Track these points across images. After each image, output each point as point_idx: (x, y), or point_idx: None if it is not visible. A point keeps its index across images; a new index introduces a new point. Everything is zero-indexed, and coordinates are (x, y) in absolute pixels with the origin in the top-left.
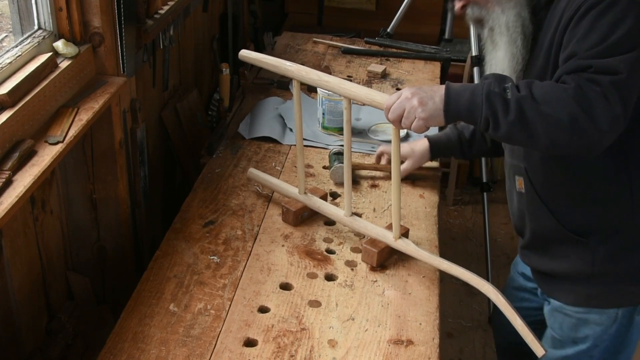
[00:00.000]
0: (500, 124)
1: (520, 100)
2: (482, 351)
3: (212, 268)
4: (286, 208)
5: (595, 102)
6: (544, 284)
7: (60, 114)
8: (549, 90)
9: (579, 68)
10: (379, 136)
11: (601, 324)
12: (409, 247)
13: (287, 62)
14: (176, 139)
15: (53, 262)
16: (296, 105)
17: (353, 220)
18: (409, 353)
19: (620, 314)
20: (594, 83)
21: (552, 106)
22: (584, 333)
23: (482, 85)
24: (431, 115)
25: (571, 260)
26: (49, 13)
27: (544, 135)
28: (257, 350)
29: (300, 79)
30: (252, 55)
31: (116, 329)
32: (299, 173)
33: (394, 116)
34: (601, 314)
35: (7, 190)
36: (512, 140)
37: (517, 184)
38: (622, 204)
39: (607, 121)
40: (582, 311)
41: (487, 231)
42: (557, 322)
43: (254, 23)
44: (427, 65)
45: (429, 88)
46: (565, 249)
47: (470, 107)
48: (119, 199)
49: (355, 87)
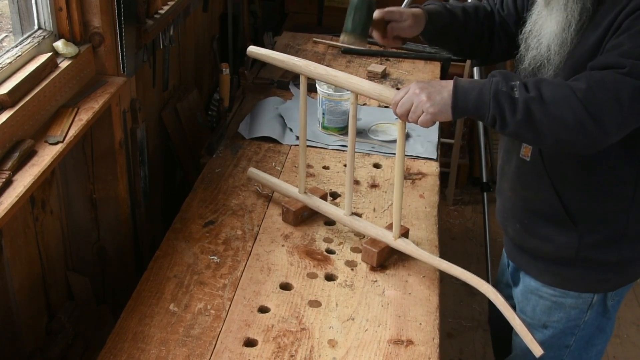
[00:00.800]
0: (507, 123)
1: (528, 100)
2: (482, 351)
3: (212, 268)
4: (286, 208)
5: (604, 105)
6: (522, 260)
7: (60, 114)
8: (557, 91)
9: (613, 64)
10: (379, 136)
11: (576, 308)
12: (408, 247)
13: (294, 57)
14: (176, 139)
15: (53, 262)
16: (302, 100)
17: (353, 220)
18: (409, 353)
19: (595, 299)
20: (612, 84)
21: (560, 108)
22: (557, 317)
23: (490, 83)
24: (439, 110)
25: (555, 244)
26: (49, 13)
27: (550, 136)
28: (257, 350)
29: (309, 74)
30: (260, 52)
31: (116, 329)
32: (300, 172)
33: (402, 110)
34: (577, 298)
35: (7, 190)
36: (518, 138)
37: (523, 151)
38: (622, 196)
39: (613, 125)
40: (558, 294)
41: (487, 231)
42: (529, 305)
43: (254, 23)
44: (427, 65)
45: (437, 83)
46: (551, 231)
47: (478, 105)
48: (119, 199)
49: (363, 82)
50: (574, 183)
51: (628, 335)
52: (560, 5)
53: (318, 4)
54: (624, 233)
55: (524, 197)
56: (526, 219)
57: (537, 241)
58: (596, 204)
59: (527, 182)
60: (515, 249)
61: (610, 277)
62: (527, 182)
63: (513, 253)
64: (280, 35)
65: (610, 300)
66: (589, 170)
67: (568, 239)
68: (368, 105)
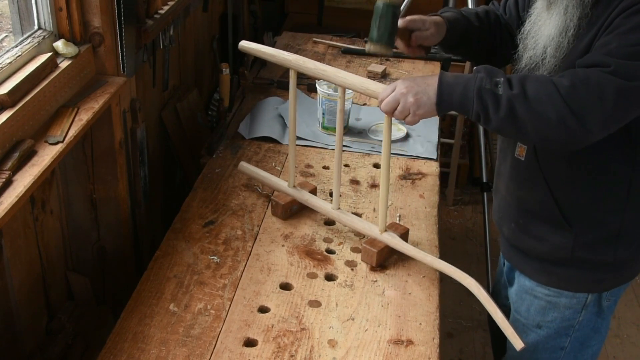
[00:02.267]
0: (490, 119)
1: (511, 97)
2: (482, 351)
3: (212, 268)
4: (275, 201)
5: (587, 103)
6: (517, 260)
7: (60, 114)
8: (541, 88)
9: (598, 63)
10: (379, 136)
11: (570, 308)
12: (394, 240)
13: (284, 52)
14: (176, 139)
15: (53, 262)
16: (291, 95)
17: (340, 214)
18: (409, 353)
19: (590, 299)
20: (596, 82)
21: (543, 105)
22: (551, 317)
23: (475, 79)
24: (426, 111)
25: (550, 243)
26: (49, 13)
27: (533, 132)
28: (257, 350)
29: (298, 68)
30: (251, 46)
31: (116, 329)
32: (290, 165)
33: (388, 108)
34: (571, 298)
35: (7, 190)
36: (502, 134)
37: (518, 151)
38: (617, 197)
39: (596, 123)
40: (552, 294)
41: (487, 231)
42: (524, 305)
43: (254, 23)
44: (427, 65)
45: (423, 81)
46: (545, 231)
47: (462, 101)
48: (119, 199)
49: (349, 76)
50: (568, 183)
51: (628, 336)
52: (560, 10)
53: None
54: (619, 233)
55: (518, 196)
56: (521, 218)
57: (532, 241)
58: (590, 204)
59: (521, 182)
60: (510, 248)
61: (606, 278)
62: (522, 181)
63: (509, 252)
64: (280, 35)
65: (605, 301)
66: (583, 170)
67: (563, 239)
68: (368, 105)
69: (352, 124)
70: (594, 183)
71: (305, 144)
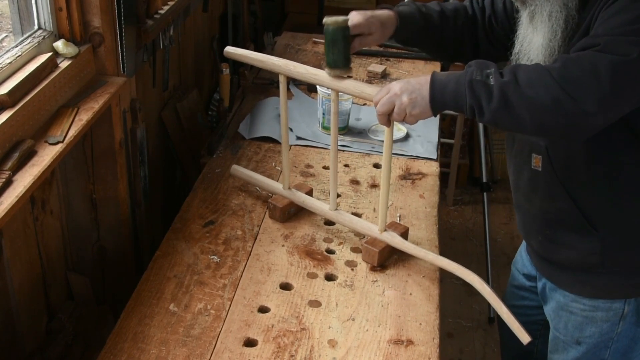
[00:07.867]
0: (484, 111)
1: (503, 86)
2: (482, 351)
3: (212, 268)
4: (273, 204)
5: (580, 81)
6: (550, 272)
7: (60, 114)
8: (533, 73)
9: (588, 45)
10: (379, 136)
11: (607, 321)
12: (395, 240)
13: (273, 57)
14: (176, 139)
15: (53, 262)
16: (282, 99)
17: (338, 215)
18: (409, 353)
19: (627, 309)
20: (589, 61)
21: (535, 89)
22: (589, 332)
23: (466, 74)
24: (422, 110)
25: (578, 250)
26: (49, 13)
27: (530, 120)
28: (257, 350)
29: (288, 73)
30: (237, 52)
31: (116, 329)
32: (284, 168)
33: (383, 110)
34: (607, 310)
35: (7, 190)
36: (500, 126)
37: (534, 162)
38: (637, 197)
39: (592, 102)
40: (588, 309)
41: (487, 231)
42: (561, 322)
43: (254, 23)
44: (427, 65)
45: (416, 81)
46: (573, 239)
47: (455, 97)
48: (119, 199)
49: (343, 80)
50: (586, 188)
51: None
52: (544, 17)
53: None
54: None
55: (541, 207)
56: (547, 229)
57: (562, 250)
58: (612, 206)
59: (542, 193)
60: (542, 261)
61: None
62: (542, 192)
63: (541, 266)
64: (280, 35)
65: None
66: (600, 173)
67: (591, 245)
68: (368, 106)
69: (352, 124)
70: (611, 185)
71: (305, 144)
